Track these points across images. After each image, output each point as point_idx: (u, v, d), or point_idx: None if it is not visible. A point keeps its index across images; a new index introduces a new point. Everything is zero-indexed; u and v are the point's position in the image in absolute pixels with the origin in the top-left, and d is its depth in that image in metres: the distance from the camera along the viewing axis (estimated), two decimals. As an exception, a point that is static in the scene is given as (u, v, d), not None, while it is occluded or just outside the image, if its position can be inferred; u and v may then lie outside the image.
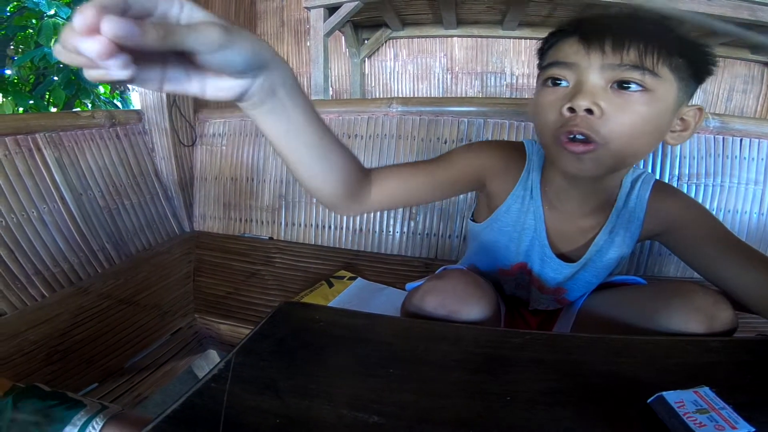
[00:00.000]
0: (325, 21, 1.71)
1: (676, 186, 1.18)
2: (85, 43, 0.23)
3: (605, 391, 0.38)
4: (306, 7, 1.74)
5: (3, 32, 4.81)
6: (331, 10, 1.72)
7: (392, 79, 2.36)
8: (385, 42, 2.31)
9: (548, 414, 0.35)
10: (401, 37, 2.30)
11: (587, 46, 0.46)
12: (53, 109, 5.09)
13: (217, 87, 0.32)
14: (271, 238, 1.46)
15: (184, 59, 0.29)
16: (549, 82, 0.50)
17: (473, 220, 0.73)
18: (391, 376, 0.40)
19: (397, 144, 1.32)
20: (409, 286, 0.72)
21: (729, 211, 1.18)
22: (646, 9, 0.52)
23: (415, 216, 1.31)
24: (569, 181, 0.57)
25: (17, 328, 0.95)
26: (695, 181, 1.20)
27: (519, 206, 0.63)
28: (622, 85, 0.46)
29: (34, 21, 4.92)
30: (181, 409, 0.35)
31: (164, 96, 1.49)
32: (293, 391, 0.38)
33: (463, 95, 2.30)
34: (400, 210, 1.33)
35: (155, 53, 0.27)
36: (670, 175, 1.19)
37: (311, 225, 1.41)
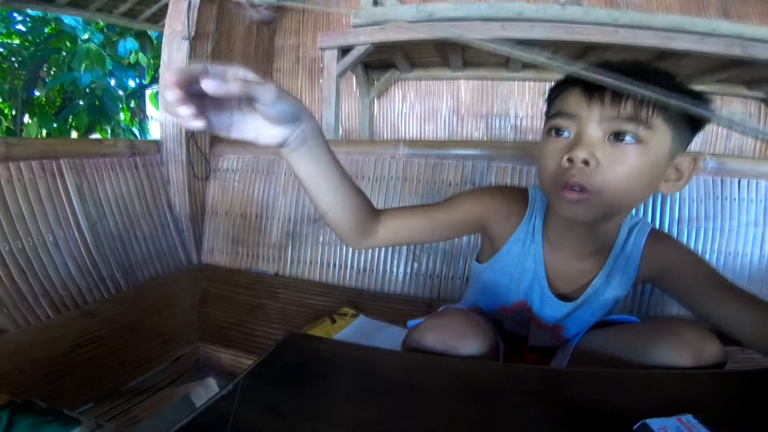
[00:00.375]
0: (338, 62, 1.79)
1: (676, 230, 1.21)
2: (177, 107, 0.35)
3: (594, 420, 0.39)
4: (321, 48, 1.82)
5: (39, 54, 5.05)
6: (344, 51, 1.80)
7: (400, 119, 2.42)
8: (394, 83, 2.39)
9: None
10: (410, 79, 2.38)
11: (588, 98, 0.50)
12: (74, 134, 5.27)
13: (268, 134, 0.43)
14: (277, 274, 1.48)
15: (243, 113, 0.41)
16: (552, 132, 0.54)
17: (477, 261, 0.76)
18: (389, 404, 0.42)
19: (402, 186, 1.36)
20: (411, 323, 0.75)
21: (730, 254, 1.19)
22: (646, 62, 0.55)
23: (418, 257, 1.34)
24: (568, 225, 0.61)
25: (18, 346, 0.97)
26: (695, 224, 1.21)
27: (520, 248, 0.67)
28: (618, 136, 0.49)
29: (68, 44, 5.18)
30: (189, 425, 0.37)
31: (183, 128, 1.57)
32: (296, 414, 0.40)
33: (469, 137, 2.36)
34: (404, 250, 1.36)
35: (226, 107, 0.40)
36: (669, 218, 1.21)
37: (317, 262, 1.44)
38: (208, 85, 0.35)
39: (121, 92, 5.48)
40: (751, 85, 2.06)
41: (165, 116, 1.64)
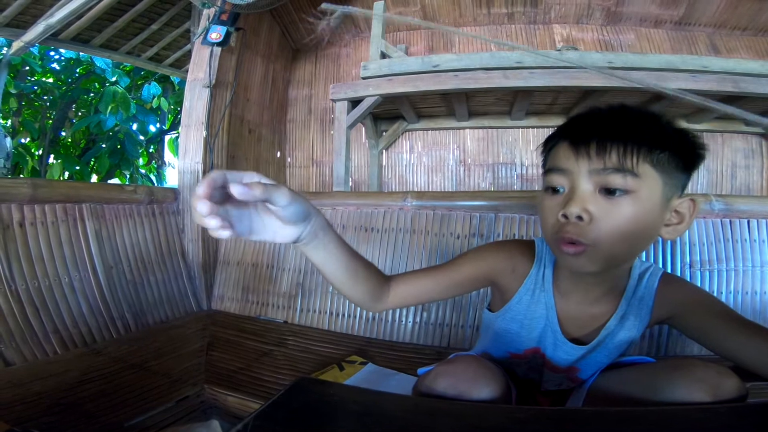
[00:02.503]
0: (348, 113, 1.85)
1: (689, 273, 1.19)
2: (209, 220, 0.40)
3: None
4: (332, 99, 1.89)
5: (69, 94, 5.26)
6: (354, 102, 1.87)
7: (408, 171, 2.47)
8: (402, 134, 2.47)
9: None
10: (417, 129, 2.45)
11: (576, 152, 0.52)
12: (94, 177, 5.39)
13: (283, 233, 0.48)
14: (285, 322, 1.48)
15: (260, 215, 0.47)
16: (549, 190, 0.56)
17: (489, 309, 0.77)
18: None
19: (411, 238, 1.38)
20: (421, 371, 0.74)
21: (747, 293, 1.17)
22: (631, 106, 0.56)
23: (428, 307, 1.33)
24: (575, 275, 0.62)
25: (23, 379, 0.97)
26: (708, 267, 1.20)
27: (530, 298, 0.68)
28: (608, 191, 0.51)
29: (97, 85, 5.41)
30: None
31: (200, 176, 1.63)
32: None
33: (476, 186, 2.40)
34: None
35: (244, 211, 0.45)
36: (681, 263, 1.20)
37: (326, 311, 1.44)
38: (237, 190, 0.40)
39: (141, 137, 5.66)
40: (749, 121, 2.05)
41: (183, 164, 1.71)
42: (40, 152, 5.37)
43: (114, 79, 5.19)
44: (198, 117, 1.70)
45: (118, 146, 5.22)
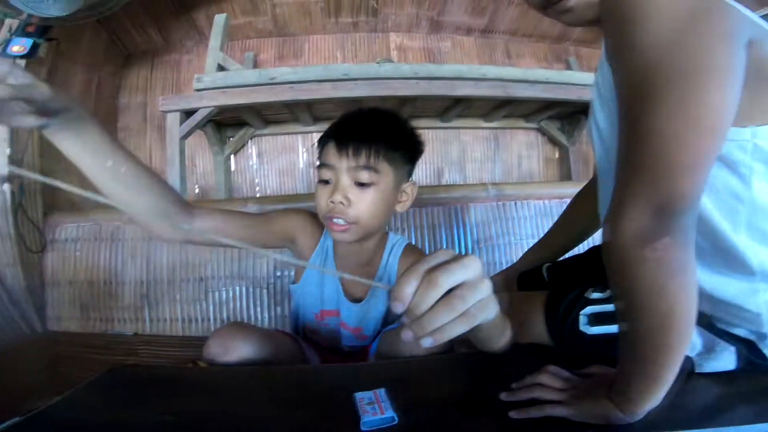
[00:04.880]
0: (181, 124, 1.81)
1: (476, 249, 1.54)
2: None
3: (325, 395, 0.60)
4: (161, 111, 1.83)
5: None
6: (188, 113, 1.83)
7: (259, 175, 2.46)
8: (250, 139, 2.47)
9: (276, 411, 0.56)
10: (264, 135, 2.48)
11: (339, 152, 0.72)
12: None
13: (25, 120, 0.43)
14: (136, 334, 1.46)
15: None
16: (321, 181, 0.76)
17: (292, 283, 0.95)
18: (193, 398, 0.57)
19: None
20: None
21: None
22: (381, 109, 0.80)
23: (280, 301, 1.46)
24: (342, 243, 0.83)
25: None
26: (491, 242, 1.57)
27: (319, 262, 0.87)
28: (359, 183, 0.73)
29: None
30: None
31: (8, 198, 1.46)
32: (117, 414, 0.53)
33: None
34: (266, 297, 1.47)
35: None
36: (471, 241, 1.56)
37: (177, 319, 1.47)
38: None
39: None
40: (527, 118, 2.54)
41: (-17, 192, 1.49)
42: None
43: None
44: None
45: None
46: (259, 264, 1.48)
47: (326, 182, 0.75)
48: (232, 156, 2.42)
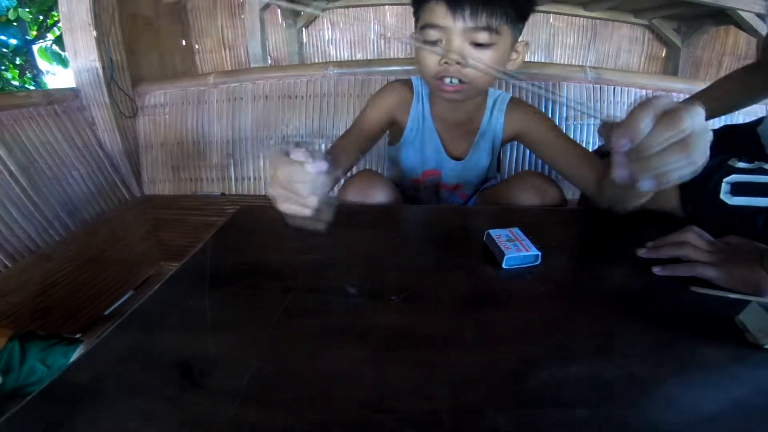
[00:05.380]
0: None
1: (565, 126, 1.44)
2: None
3: (458, 236, 0.59)
4: None
5: None
6: None
7: (330, 46, 2.45)
8: (322, 11, 2.38)
9: (422, 247, 0.57)
10: (337, 7, 2.36)
11: (453, 13, 0.64)
12: None
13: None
14: (223, 194, 1.55)
15: None
16: (426, 43, 0.68)
17: (389, 144, 0.93)
18: (330, 234, 0.57)
19: (334, 101, 1.46)
20: (333, 193, 0.92)
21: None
22: None
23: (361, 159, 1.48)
24: (448, 102, 0.77)
25: None
26: (580, 121, 1.46)
27: (417, 125, 0.83)
28: (477, 43, 0.65)
29: None
30: (177, 274, 0.49)
31: (101, 73, 1.52)
32: (260, 251, 0.54)
33: (395, 56, 2.45)
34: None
35: None
36: (560, 116, 1.45)
37: (260, 178, 1.53)
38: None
39: (4, 49, 4.80)
40: (637, 14, 2.32)
41: (77, 65, 1.57)
42: None
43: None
44: (82, 19, 1.53)
45: None
46: (339, 120, 1.47)
47: (432, 42, 0.68)
48: (304, 28, 2.36)
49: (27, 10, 4.70)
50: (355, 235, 0.59)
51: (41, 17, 4.54)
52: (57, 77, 4.78)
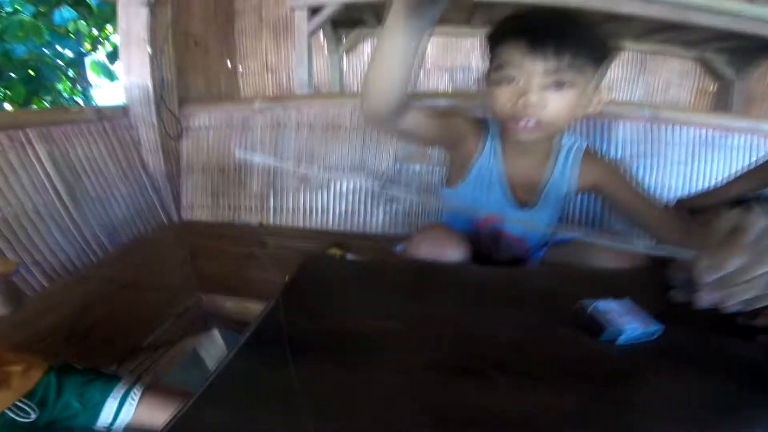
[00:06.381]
0: (308, 21, 1.79)
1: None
2: None
3: (553, 303, 0.53)
4: (292, 7, 1.81)
5: None
6: (314, 10, 1.80)
7: None
8: (363, 39, 2.39)
9: (513, 316, 0.50)
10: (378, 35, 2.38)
11: (533, 52, 0.62)
12: (8, 106, 4.81)
13: None
14: (261, 224, 1.52)
15: None
16: (503, 81, 0.66)
17: (446, 187, 0.88)
18: (407, 295, 0.53)
19: (378, 134, 1.43)
20: (398, 248, 0.87)
21: (664, 186, 1.38)
22: (560, 8, 0.69)
23: (395, 198, 1.43)
24: (520, 144, 0.74)
25: (27, 316, 0.98)
26: (635, 161, 1.39)
27: (486, 164, 0.80)
28: (558, 83, 0.63)
29: None
30: (252, 336, 0.45)
31: (151, 92, 1.55)
32: (337, 313, 0.50)
33: (434, 88, 2.44)
34: (378, 195, 1.45)
35: None
36: (618, 155, 1.38)
37: (299, 209, 1.49)
38: None
39: (60, 62, 5.05)
40: (687, 46, 2.25)
41: (129, 81, 1.60)
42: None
43: (11, 9, 4.40)
44: (138, 34, 1.57)
45: (33, 73, 4.62)
46: (381, 153, 1.43)
47: (509, 82, 0.67)
48: (344, 54, 2.37)
49: (86, 23, 4.96)
50: (436, 298, 0.54)
51: (95, 31, 4.71)
52: (102, 91, 4.97)
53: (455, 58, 2.41)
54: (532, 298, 0.56)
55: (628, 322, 0.43)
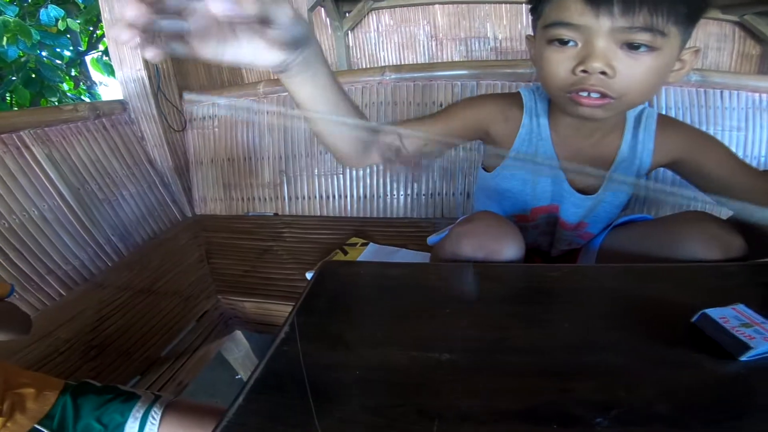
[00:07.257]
0: None
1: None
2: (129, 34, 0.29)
3: (647, 313, 0.41)
4: None
5: None
6: None
7: (378, 49, 2.33)
8: (368, 13, 2.27)
9: (606, 335, 0.39)
10: (383, 8, 2.26)
11: (596, 9, 0.47)
12: (16, 110, 4.79)
13: (267, 57, 0.37)
14: (276, 214, 1.46)
15: (235, 34, 0.34)
16: (556, 42, 0.51)
17: (484, 169, 0.75)
18: (449, 315, 0.42)
19: (392, 109, 1.33)
20: (432, 239, 0.75)
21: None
22: None
23: (418, 178, 1.33)
24: (576, 121, 0.61)
25: (46, 329, 0.94)
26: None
27: (529, 148, 0.66)
28: (631, 46, 0.48)
29: None
30: (262, 377, 0.36)
31: (147, 84, 1.45)
32: (362, 342, 0.39)
33: (450, 60, 2.31)
34: (402, 175, 1.34)
35: (211, 25, 0.32)
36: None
37: (315, 196, 1.42)
38: (217, 6, 0.29)
39: (58, 61, 4.97)
40: (725, 9, 2.12)
41: (123, 75, 1.50)
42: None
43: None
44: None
45: (33, 75, 4.54)
46: None
47: (564, 43, 0.51)
48: (349, 31, 2.26)
49: (77, 20, 4.85)
50: (493, 312, 0.43)
51: (91, 28, 4.62)
52: (109, 88, 4.92)
53: (469, 27, 2.26)
54: (627, 306, 0.42)
55: (753, 336, 0.33)
